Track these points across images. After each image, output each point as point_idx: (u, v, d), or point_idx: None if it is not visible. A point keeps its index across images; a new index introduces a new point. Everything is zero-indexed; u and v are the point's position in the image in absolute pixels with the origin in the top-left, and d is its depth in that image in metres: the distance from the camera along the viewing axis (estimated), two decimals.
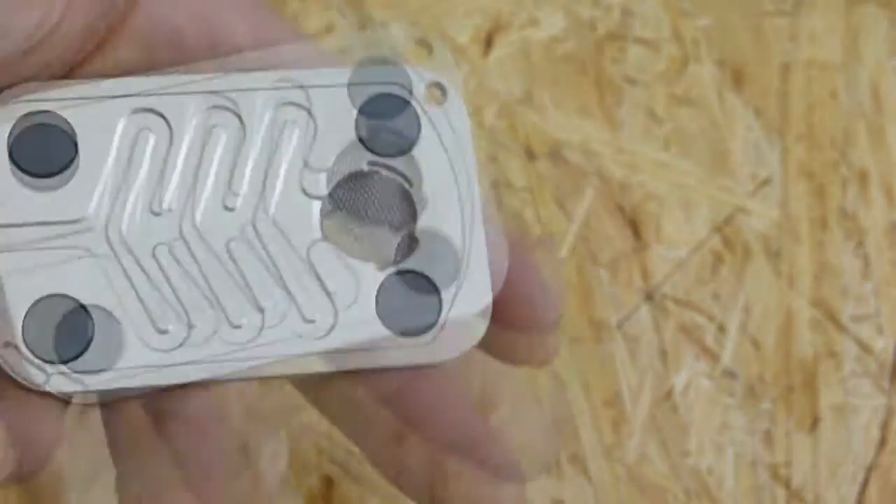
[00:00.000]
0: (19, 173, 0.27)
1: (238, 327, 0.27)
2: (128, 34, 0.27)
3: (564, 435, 0.41)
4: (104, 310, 0.27)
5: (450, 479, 0.27)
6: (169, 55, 0.28)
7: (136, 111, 0.27)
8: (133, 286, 0.27)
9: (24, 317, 0.26)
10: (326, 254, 0.28)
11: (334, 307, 0.28)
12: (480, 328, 0.28)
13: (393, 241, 0.28)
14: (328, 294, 0.28)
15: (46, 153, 0.27)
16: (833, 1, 0.47)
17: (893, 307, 0.44)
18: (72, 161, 0.27)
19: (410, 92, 0.29)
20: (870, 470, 0.42)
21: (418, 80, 0.29)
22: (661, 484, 0.42)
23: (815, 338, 0.44)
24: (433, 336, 0.28)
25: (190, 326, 0.27)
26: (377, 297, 0.28)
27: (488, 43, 0.46)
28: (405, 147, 0.28)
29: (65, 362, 0.27)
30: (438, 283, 0.28)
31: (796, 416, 0.43)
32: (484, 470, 0.27)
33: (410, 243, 0.28)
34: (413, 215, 0.28)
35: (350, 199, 0.28)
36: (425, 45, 0.42)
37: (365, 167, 0.28)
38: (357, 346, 0.27)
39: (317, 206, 0.28)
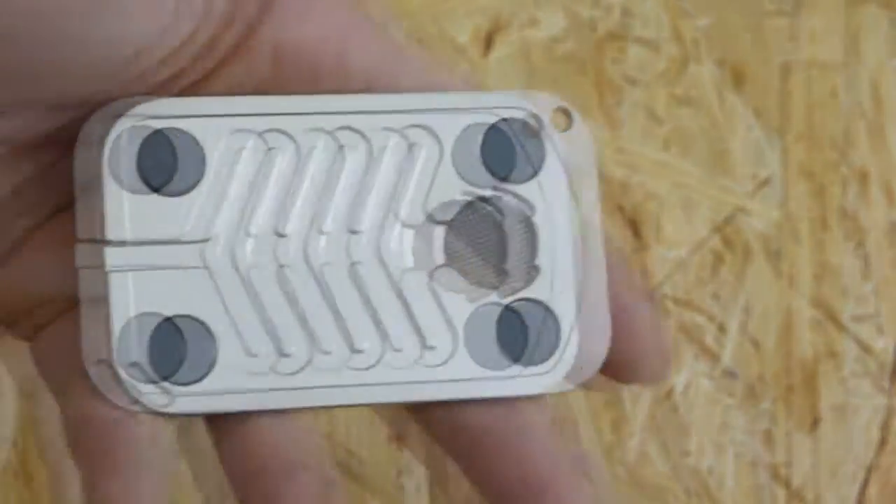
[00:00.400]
0: (146, 188, 0.26)
1: (360, 352, 0.27)
2: (254, 49, 0.27)
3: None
4: (208, 327, 0.27)
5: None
6: (294, 73, 0.27)
7: (267, 131, 0.27)
8: (250, 306, 0.27)
9: (121, 332, 0.26)
10: (449, 281, 0.27)
11: (454, 334, 0.27)
12: (600, 357, 0.28)
13: (516, 268, 0.28)
14: (448, 321, 0.27)
15: (174, 169, 0.27)
16: (833, 1, 0.47)
17: (893, 307, 0.44)
18: (200, 179, 0.27)
19: (536, 117, 0.28)
20: (870, 470, 0.43)
21: (544, 105, 0.29)
22: (661, 484, 0.42)
23: (816, 338, 0.44)
24: (554, 364, 0.27)
25: (308, 351, 0.27)
26: (498, 324, 0.27)
27: (488, 43, 0.46)
28: (529, 174, 0.28)
29: (165, 379, 0.26)
30: (558, 312, 0.28)
31: (796, 416, 0.43)
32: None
33: (531, 271, 0.28)
34: (534, 243, 0.28)
35: (474, 225, 0.28)
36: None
37: (488, 193, 0.28)
38: (474, 376, 0.27)
39: (441, 231, 0.28)
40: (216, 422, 0.27)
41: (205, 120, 0.27)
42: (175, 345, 0.26)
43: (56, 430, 0.43)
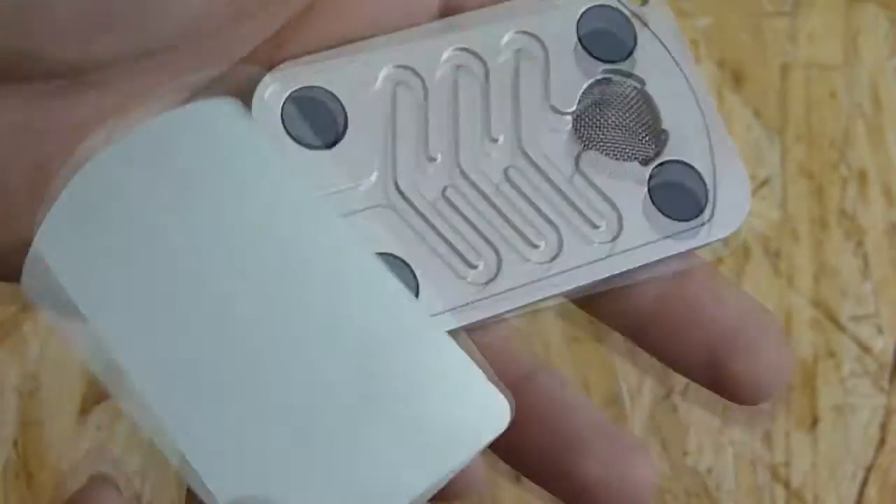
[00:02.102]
0: (316, 146, 0.28)
1: (537, 247, 0.29)
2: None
3: None
4: (416, 259, 0.28)
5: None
6: (396, 17, 0.29)
7: (390, 69, 0.29)
8: (436, 231, 0.28)
9: None
10: (592, 165, 0.29)
11: (616, 210, 0.29)
12: (745, 204, 0.29)
13: (647, 139, 0.30)
14: (607, 200, 0.29)
15: (319, 125, 0.28)
16: (833, 1, 0.47)
17: (893, 307, 0.44)
18: (345, 128, 0.28)
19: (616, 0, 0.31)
20: (869, 470, 0.43)
21: None
22: (661, 484, 0.42)
23: (815, 338, 0.44)
24: (705, 218, 0.29)
25: (498, 258, 0.28)
26: (649, 192, 0.29)
27: None
28: (628, 50, 0.30)
29: None
30: (699, 168, 0.29)
31: (796, 415, 0.43)
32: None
33: (661, 137, 0.30)
34: (655, 112, 0.30)
35: (597, 108, 0.30)
36: None
37: (599, 76, 0.30)
38: (646, 241, 0.29)
39: (568, 122, 0.29)
40: None
41: (332, 73, 0.28)
42: (403, 279, 0.28)
43: (56, 430, 0.43)
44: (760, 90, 0.46)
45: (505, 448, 0.27)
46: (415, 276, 0.28)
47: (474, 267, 0.28)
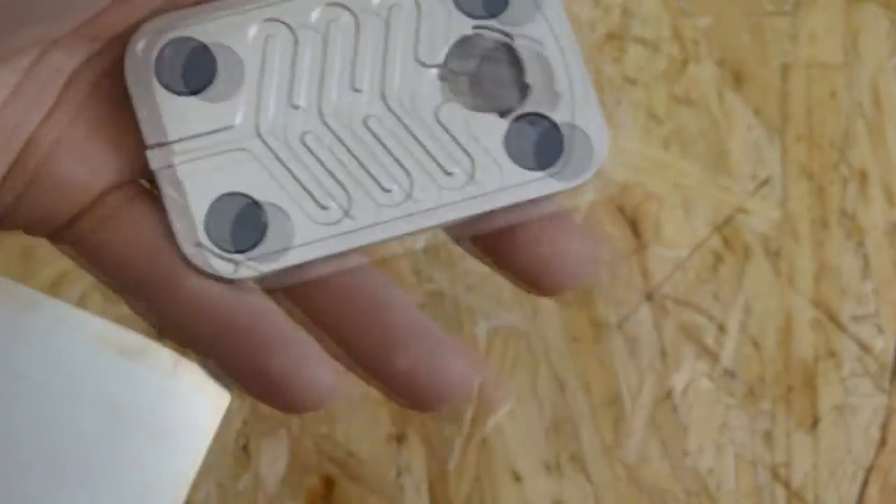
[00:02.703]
0: (190, 91, 0.30)
1: (389, 191, 0.31)
2: None
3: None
4: (270, 199, 0.30)
5: None
6: None
7: (261, 22, 0.31)
8: (291, 174, 0.30)
9: (205, 217, 0.30)
10: (454, 112, 0.31)
11: (470, 157, 0.31)
12: (599, 157, 0.31)
13: (509, 90, 0.31)
14: (462, 147, 0.31)
15: (190, 74, 0.31)
16: (833, 1, 0.47)
17: (893, 307, 0.44)
18: (214, 75, 0.31)
19: None
20: (870, 470, 0.43)
21: None
22: (661, 484, 0.42)
23: (816, 338, 0.44)
24: (560, 167, 0.31)
25: (349, 199, 0.30)
26: (505, 141, 0.31)
27: None
28: (499, 6, 0.32)
29: (245, 252, 0.30)
30: (557, 120, 0.31)
31: (796, 416, 0.43)
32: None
33: (523, 91, 0.31)
34: (520, 66, 0.31)
35: (462, 62, 0.32)
36: None
37: (469, 30, 0.32)
38: (494, 190, 0.31)
39: (434, 73, 0.31)
40: (297, 291, 0.30)
41: (205, 24, 0.31)
42: (254, 217, 0.30)
43: None
44: (760, 90, 0.46)
45: (329, 346, 0.30)
46: (265, 216, 0.30)
47: (325, 208, 0.30)
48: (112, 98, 0.30)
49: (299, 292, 0.31)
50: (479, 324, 0.43)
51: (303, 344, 0.30)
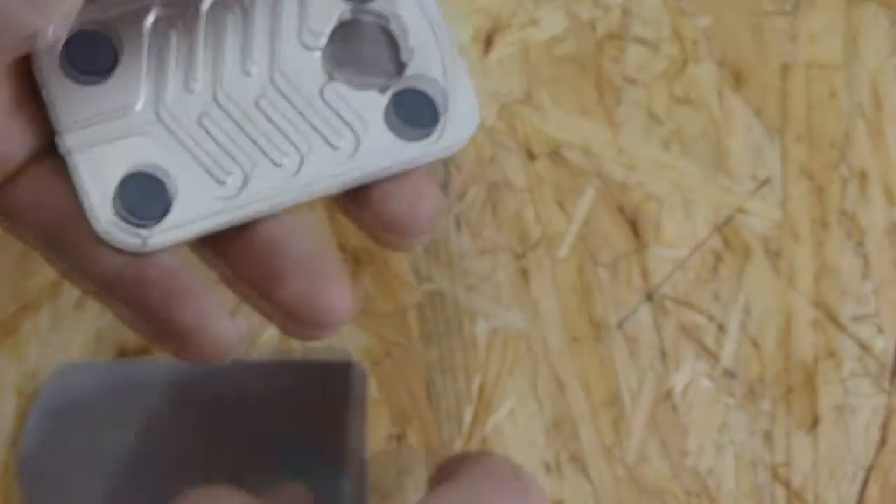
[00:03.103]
0: (81, 79, 0.33)
1: (280, 166, 0.33)
2: None
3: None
4: (172, 177, 0.33)
5: None
6: None
7: (160, 9, 0.33)
8: (190, 153, 0.33)
9: (113, 196, 0.32)
10: (337, 91, 0.34)
11: (353, 131, 0.34)
12: (470, 126, 0.35)
13: (386, 68, 0.35)
14: (345, 122, 0.34)
15: (93, 63, 0.33)
16: (833, 1, 0.47)
17: (893, 307, 0.44)
18: (115, 62, 0.33)
19: None
20: (870, 470, 0.43)
21: None
22: (661, 484, 0.42)
23: (815, 338, 0.44)
24: (437, 135, 0.34)
25: (244, 174, 0.33)
26: (385, 114, 0.34)
27: (488, 43, 0.46)
28: None
29: (151, 226, 0.32)
30: (431, 94, 0.35)
31: (796, 416, 0.43)
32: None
33: (399, 67, 0.35)
34: (395, 45, 0.35)
35: (342, 43, 0.35)
36: None
37: (348, 15, 0.35)
38: (378, 160, 0.34)
39: (318, 55, 0.34)
40: (216, 244, 0.34)
41: (124, 12, 0.33)
42: (157, 194, 0.33)
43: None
44: (760, 90, 0.46)
45: (226, 279, 0.34)
46: (168, 193, 0.33)
47: (223, 183, 0.33)
48: (30, 76, 0.32)
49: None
50: (479, 324, 0.43)
51: (207, 297, 0.33)
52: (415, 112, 0.34)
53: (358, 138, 0.34)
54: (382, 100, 0.34)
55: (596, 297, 0.44)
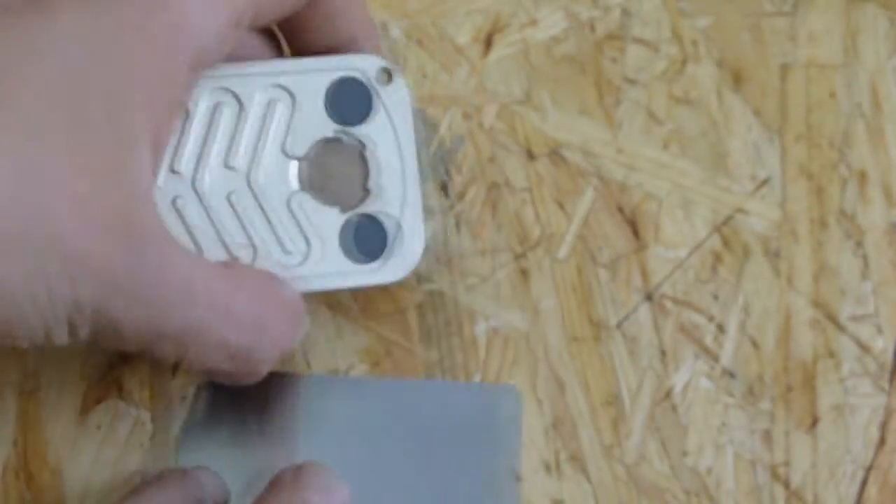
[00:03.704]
0: None
1: (237, 258, 0.36)
2: None
3: None
4: None
5: None
6: None
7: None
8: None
9: None
10: (302, 201, 0.37)
11: (307, 241, 0.37)
12: (414, 260, 0.38)
13: (353, 191, 0.37)
14: (302, 231, 0.37)
15: None
16: (833, 1, 0.47)
17: (893, 307, 0.44)
18: None
19: (366, 76, 0.38)
20: (869, 470, 0.43)
21: (372, 66, 0.38)
22: (661, 484, 0.42)
23: (815, 338, 0.44)
24: (380, 264, 0.37)
25: (202, 255, 0.36)
26: (340, 233, 0.37)
27: (488, 43, 0.46)
28: (361, 117, 0.38)
29: None
30: (386, 226, 0.37)
31: (796, 415, 0.43)
32: None
33: (364, 193, 0.37)
34: (367, 171, 0.37)
35: (318, 159, 0.37)
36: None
37: (331, 133, 0.37)
38: (323, 273, 0.37)
39: (295, 164, 0.37)
40: None
41: None
42: None
43: (56, 430, 0.43)
44: (760, 90, 0.46)
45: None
46: None
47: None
48: None
49: None
50: (479, 324, 0.43)
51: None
52: (367, 239, 0.37)
53: (310, 250, 0.37)
54: (341, 219, 0.37)
55: (595, 297, 0.44)
